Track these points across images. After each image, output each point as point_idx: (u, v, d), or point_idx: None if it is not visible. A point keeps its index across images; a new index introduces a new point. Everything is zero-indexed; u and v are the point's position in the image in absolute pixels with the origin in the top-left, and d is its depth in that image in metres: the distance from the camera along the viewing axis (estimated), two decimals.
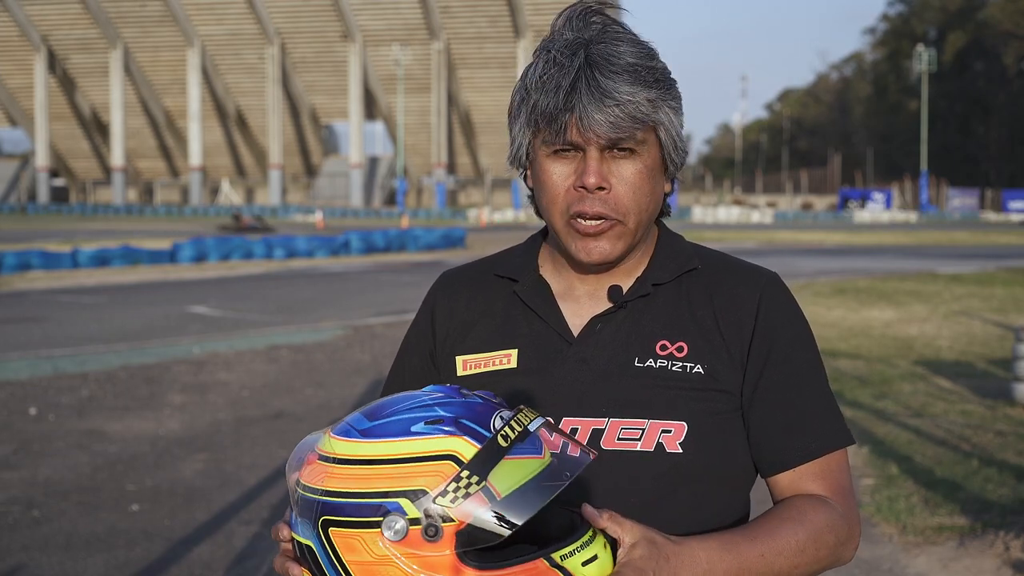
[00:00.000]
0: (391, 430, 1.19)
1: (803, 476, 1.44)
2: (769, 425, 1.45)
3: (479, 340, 1.54)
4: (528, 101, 1.41)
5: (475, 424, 1.19)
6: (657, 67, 1.41)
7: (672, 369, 1.43)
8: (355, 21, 71.80)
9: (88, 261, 23.76)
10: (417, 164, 78.73)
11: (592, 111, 1.35)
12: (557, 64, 1.38)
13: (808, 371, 1.48)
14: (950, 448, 6.87)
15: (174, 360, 10.76)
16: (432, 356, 1.59)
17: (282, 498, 5.93)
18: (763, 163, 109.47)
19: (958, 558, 4.86)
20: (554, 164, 1.42)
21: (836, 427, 1.47)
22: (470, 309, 1.58)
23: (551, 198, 1.43)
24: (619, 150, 1.39)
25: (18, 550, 5.03)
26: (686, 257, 1.52)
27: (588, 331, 1.48)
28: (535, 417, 1.23)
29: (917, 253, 31.30)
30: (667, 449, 1.39)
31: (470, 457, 1.15)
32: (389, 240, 31.50)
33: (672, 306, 1.48)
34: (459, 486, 1.14)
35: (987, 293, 17.83)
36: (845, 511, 1.42)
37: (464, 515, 1.13)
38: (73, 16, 74.61)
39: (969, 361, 10.51)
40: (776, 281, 1.52)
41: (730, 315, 1.47)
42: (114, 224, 51.31)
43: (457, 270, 1.67)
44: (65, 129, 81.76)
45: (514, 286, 1.55)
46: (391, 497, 1.15)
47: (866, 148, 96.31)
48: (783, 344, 1.47)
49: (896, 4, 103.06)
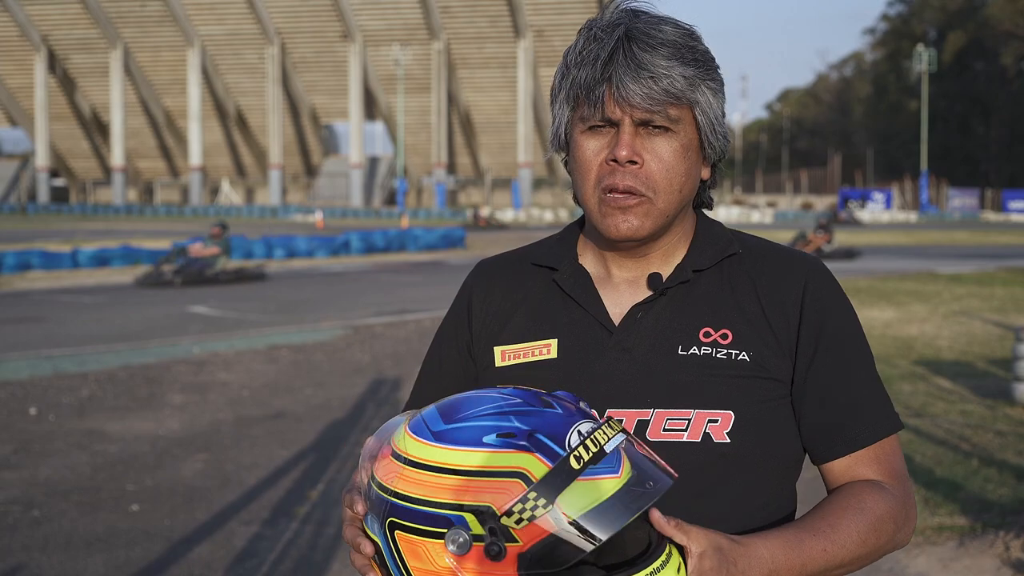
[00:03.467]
0: (463, 437, 1.15)
1: (858, 462, 1.43)
2: (822, 412, 1.43)
3: (518, 330, 1.51)
4: (568, 77, 1.41)
5: (549, 440, 1.14)
6: (698, 47, 1.40)
7: (717, 356, 1.41)
8: (355, 21, 71.76)
9: (88, 261, 23.75)
10: (417, 164, 78.69)
11: (628, 81, 1.35)
12: (597, 40, 1.39)
13: (858, 356, 1.47)
14: (950, 448, 6.87)
15: (174, 360, 10.75)
16: (469, 347, 1.56)
17: (282, 497, 5.93)
18: (763, 163, 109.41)
19: (958, 558, 4.86)
20: (588, 140, 1.41)
21: (887, 412, 1.46)
22: (507, 299, 1.55)
23: (583, 173, 1.42)
24: (654, 127, 1.38)
25: (18, 550, 5.04)
26: (726, 242, 1.50)
27: (629, 319, 1.45)
28: (615, 434, 1.17)
29: (917, 253, 31.29)
30: (714, 439, 1.37)
31: (540, 477, 1.11)
32: (389, 240, 31.49)
33: (714, 292, 1.46)
34: (525, 507, 1.10)
35: (987, 293, 17.82)
36: (901, 495, 1.42)
37: (529, 537, 1.10)
38: (73, 16, 74.56)
39: (969, 361, 10.51)
40: (821, 266, 1.50)
41: (775, 301, 1.45)
42: (114, 224, 51.30)
43: (493, 259, 1.64)
44: (65, 129, 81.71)
45: (553, 274, 1.52)
46: (457, 510, 1.12)
47: (866, 148, 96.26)
48: (832, 329, 1.45)
49: (896, 4, 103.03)
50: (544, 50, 70.50)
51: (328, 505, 5.80)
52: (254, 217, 63.76)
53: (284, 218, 61.99)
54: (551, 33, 69.38)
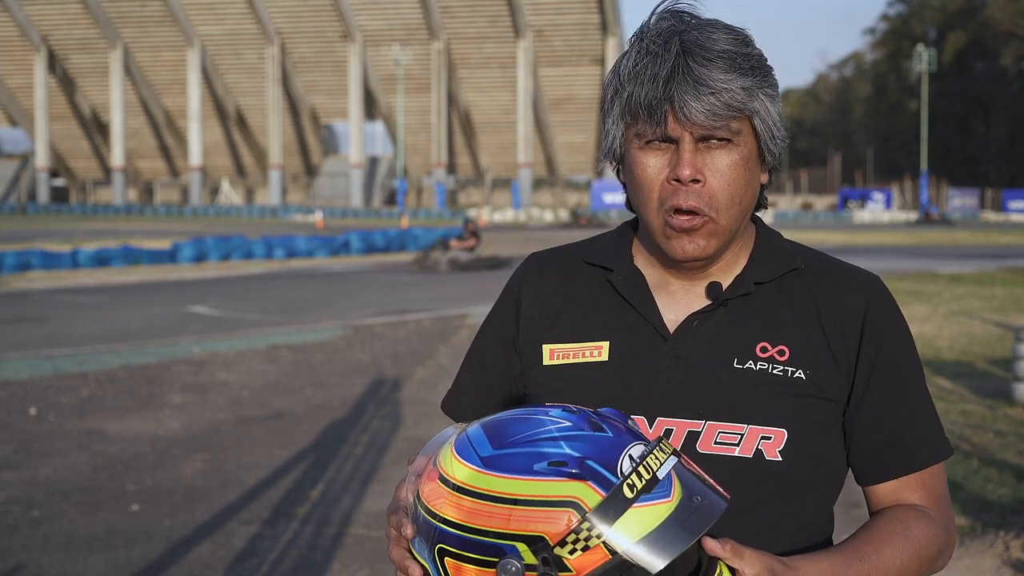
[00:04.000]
0: (513, 465, 1.13)
1: (904, 486, 1.42)
2: (876, 434, 1.41)
3: (568, 329, 1.47)
4: (622, 93, 1.37)
5: (601, 467, 1.12)
6: (752, 53, 1.37)
7: (773, 372, 1.38)
8: (355, 21, 71.77)
9: (88, 261, 23.76)
10: (417, 164, 78.70)
11: (689, 99, 1.31)
12: (651, 53, 1.35)
13: (913, 379, 1.45)
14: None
15: (174, 360, 10.75)
16: (515, 342, 1.52)
17: (282, 497, 5.93)
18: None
19: (958, 558, 4.85)
20: (647, 157, 1.38)
21: (939, 437, 1.44)
22: (559, 295, 1.50)
23: (646, 193, 1.38)
24: (715, 140, 1.35)
25: (18, 550, 5.03)
26: (788, 256, 1.47)
27: (685, 327, 1.42)
28: (667, 457, 1.16)
29: (917, 253, 31.29)
30: (766, 456, 1.34)
31: (593, 506, 1.09)
32: (389, 240, 31.49)
33: (773, 307, 1.43)
34: (579, 537, 1.08)
35: (987, 293, 17.82)
36: (944, 521, 1.41)
37: (582, 567, 1.08)
38: (73, 16, 74.57)
39: (969, 361, 10.51)
40: (881, 285, 1.48)
41: (836, 319, 1.43)
42: (114, 224, 51.30)
43: (546, 253, 1.58)
44: (65, 129, 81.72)
45: (608, 275, 1.48)
46: (509, 540, 1.11)
47: (866, 148, 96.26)
48: (890, 351, 1.43)
49: (896, 4, 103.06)
50: (544, 50, 70.54)
51: (328, 505, 5.80)
52: (254, 217, 63.77)
53: (284, 218, 61.99)
54: (551, 33, 69.41)
